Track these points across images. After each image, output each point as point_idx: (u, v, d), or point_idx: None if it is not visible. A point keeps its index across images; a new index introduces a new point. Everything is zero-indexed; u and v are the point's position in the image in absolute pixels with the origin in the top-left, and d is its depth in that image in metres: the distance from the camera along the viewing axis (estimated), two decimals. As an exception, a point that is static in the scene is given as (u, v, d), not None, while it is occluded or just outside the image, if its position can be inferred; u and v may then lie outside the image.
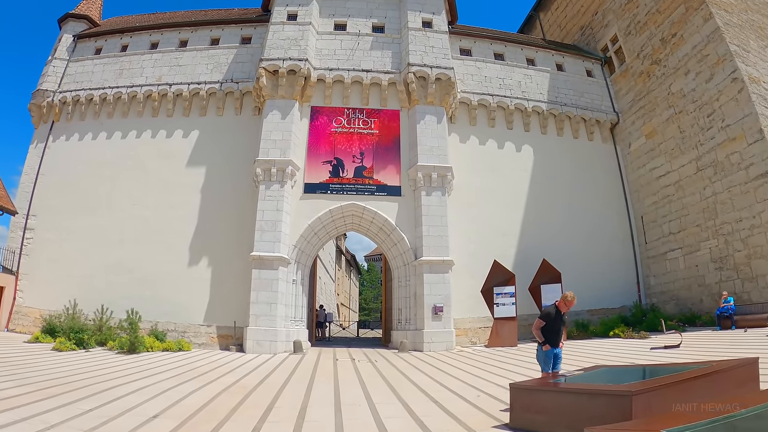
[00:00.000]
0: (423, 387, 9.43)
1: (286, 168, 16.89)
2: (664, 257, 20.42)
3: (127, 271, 17.92)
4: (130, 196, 18.89)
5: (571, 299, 7.42)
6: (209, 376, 10.73)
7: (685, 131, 19.58)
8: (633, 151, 22.07)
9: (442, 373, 11.26)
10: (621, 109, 22.58)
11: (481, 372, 11.31)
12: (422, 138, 17.84)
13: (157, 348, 15.69)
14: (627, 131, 22.37)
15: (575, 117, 21.48)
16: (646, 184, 21.39)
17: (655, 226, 20.90)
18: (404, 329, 17.00)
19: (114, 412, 6.61)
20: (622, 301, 20.34)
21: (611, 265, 20.40)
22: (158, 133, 19.71)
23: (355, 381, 10.27)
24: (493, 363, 12.78)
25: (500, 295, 17.28)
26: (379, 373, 11.36)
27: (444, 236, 16.96)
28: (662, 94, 20.71)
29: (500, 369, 11.68)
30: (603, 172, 21.73)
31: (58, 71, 21.58)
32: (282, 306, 15.99)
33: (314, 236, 17.47)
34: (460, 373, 11.25)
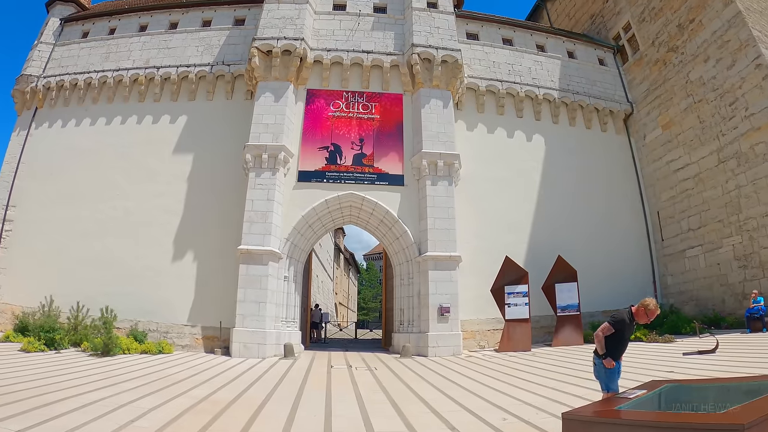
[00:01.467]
0: (434, 406, 7.33)
1: (279, 154, 14.79)
2: (683, 255, 18.35)
3: (107, 265, 15.84)
4: (112, 185, 16.80)
5: (653, 308, 5.38)
6: (180, 387, 8.68)
7: (705, 121, 17.58)
8: (648, 143, 19.99)
9: (453, 386, 9.16)
10: (635, 99, 20.52)
11: (498, 384, 9.23)
12: (427, 123, 15.75)
13: (135, 350, 13.70)
14: (642, 122, 20.31)
15: (588, 106, 19.42)
16: (662, 177, 19.32)
17: (673, 222, 18.82)
18: (407, 332, 14.88)
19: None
20: (637, 302, 18.21)
21: (626, 263, 18.33)
22: (144, 119, 17.62)
23: (351, 397, 8.16)
24: (510, 372, 10.70)
25: (512, 295, 15.17)
26: (380, 386, 9.24)
27: (451, 230, 14.84)
28: (680, 83, 18.69)
29: (520, 380, 9.59)
30: (616, 165, 19.66)
31: (44, 56, 19.56)
32: (272, 305, 13.88)
33: (308, 229, 15.34)
34: (474, 385, 9.15)
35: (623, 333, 5.51)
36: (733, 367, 8.94)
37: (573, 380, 9.12)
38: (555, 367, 11.08)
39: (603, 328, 5.50)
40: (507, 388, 8.68)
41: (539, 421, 6.15)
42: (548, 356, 13.14)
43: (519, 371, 10.73)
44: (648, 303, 5.42)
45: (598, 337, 5.51)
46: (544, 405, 7.06)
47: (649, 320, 5.48)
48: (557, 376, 9.70)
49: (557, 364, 11.40)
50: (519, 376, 10.09)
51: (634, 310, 5.55)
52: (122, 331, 14.86)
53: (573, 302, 15.90)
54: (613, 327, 5.47)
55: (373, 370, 11.28)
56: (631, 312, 5.57)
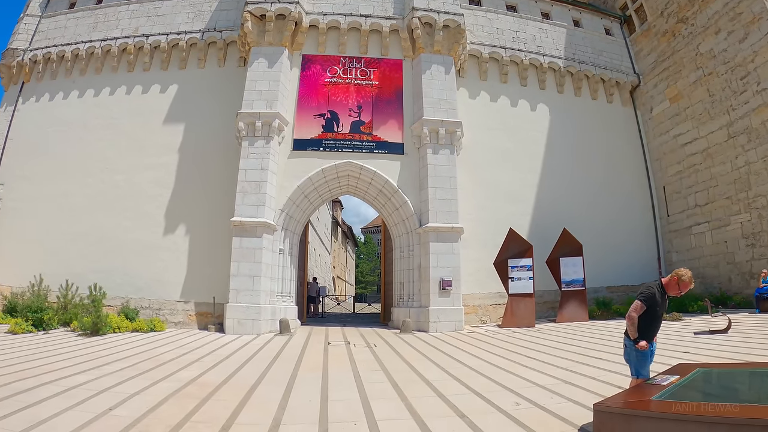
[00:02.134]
0: (439, 388, 6.52)
1: (273, 121, 13.74)
2: (689, 231, 17.50)
3: (97, 241, 14.97)
4: (101, 159, 15.79)
5: (688, 280, 4.51)
6: (167, 368, 7.88)
7: (715, 95, 16.57)
8: (655, 116, 18.94)
9: (457, 365, 8.35)
10: (642, 71, 19.40)
11: (505, 363, 8.43)
12: (428, 89, 14.67)
13: (126, 328, 12.94)
14: (648, 94, 19.22)
15: (594, 76, 18.31)
16: (669, 151, 18.33)
17: (679, 198, 17.90)
18: (406, 306, 14.05)
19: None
20: (642, 278, 17.36)
21: (631, 239, 17.47)
22: (133, 89, 16.49)
23: (349, 378, 7.33)
24: (516, 350, 9.91)
25: (516, 269, 14.32)
26: (381, 365, 8.41)
27: (453, 200, 13.90)
28: (689, 55, 17.59)
29: (528, 359, 8.80)
30: (622, 137, 18.64)
31: (30, 28, 18.32)
32: (267, 279, 13.01)
33: (305, 199, 14.38)
34: (480, 364, 8.33)
35: (655, 310, 4.64)
36: (749, 350, 8.15)
37: (583, 359, 8.37)
38: (562, 344, 10.31)
39: (635, 307, 4.60)
40: (515, 368, 7.88)
41: (555, 406, 5.36)
42: (553, 333, 12.36)
43: (525, 349, 9.93)
44: (682, 274, 4.52)
45: (632, 319, 4.60)
46: (557, 387, 6.31)
47: (680, 293, 4.60)
48: (566, 355, 8.91)
49: (564, 342, 10.62)
50: (526, 354, 9.29)
51: (665, 282, 4.67)
52: (114, 308, 14.07)
53: (578, 277, 15.08)
54: (645, 304, 4.58)
55: (372, 347, 10.47)
56: (661, 284, 4.68)
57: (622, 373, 6.50)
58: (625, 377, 5.88)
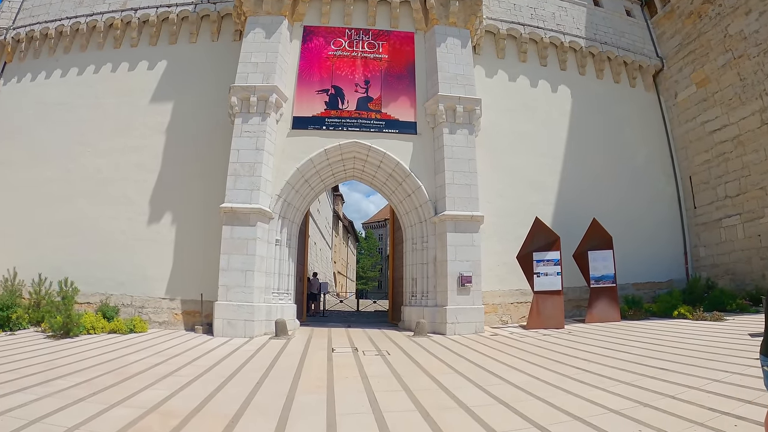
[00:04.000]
0: (488, 420, 4.44)
1: (270, 96, 11.48)
2: (718, 225, 15.25)
3: (76, 231, 12.79)
4: (82, 141, 13.57)
5: None
6: (130, 385, 5.71)
7: (746, 78, 14.37)
8: (680, 102, 16.66)
9: (496, 380, 6.14)
10: (665, 55, 17.13)
11: (552, 377, 6.26)
12: (443, 64, 12.41)
13: (102, 329, 10.84)
14: (673, 79, 16.95)
15: (616, 58, 16.06)
16: (696, 139, 16.07)
17: (707, 189, 15.64)
18: (419, 305, 11.78)
19: None
20: (669, 274, 15.21)
21: (656, 232, 15.24)
22: (119, 66, 14.24)
23: (363, 403, 5.12)
24: (554, 357, 7.74)
25: (542, 263, 12.06)
26: (400, 382, 6.13)
27: (472, 185, 11.64)
28: (717, 37, 15.36)
29: (576, 369, 6.69)
30: (646, 124, 16.38)
31: (14, 6, 16.07)
32: (261, 274, 10.75)
33: (305, 184, 12.09)
34: (523, 379, 6.15)
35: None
36: None
37: (644, 369, 6.29)
38: (606, 350, 8.14)
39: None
40: (569, 384, 5.73)
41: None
42: (588, 335, 10.13)
43: (565, 356, 7.73)
44: None
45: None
46: (640, 414, 4.38)
47: None
48: (620, 364, 6.73)
49: (607, 347, 8.44)
50: (570, 363, 7.11)
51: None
52: (92, 306, 11.91)
53: (608, 272, 12.85)
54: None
55: (385, 354, 8.20)
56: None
57: (704, 390, 5.02)
58: (718, 397, 4.67)
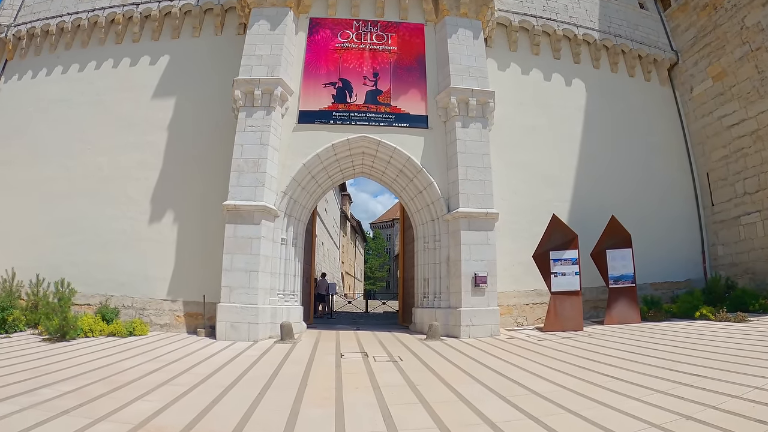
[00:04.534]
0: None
1: (275, 89, 10.83)
2: (737, 222, 14.47)
3: (76, 231, 12.21)
4: (82, 139, 12.99)
5: None
6: (121, 396, 5.06)
7: (764, 71, 13.67)
8: (696, 96, 15.89)
9: (521, 390, 5.44)
10: (680, 48, 16.37)
11: (581, 386, 5.56)
12: (455, 56, 11.71)
13: (100, 332, 10.21)
14: (688, 73, 16.18)
15: (630, 52, 15.33)
16: (713, 134, 15.29)
17: (725, 185, 14.86)
18: (432, 307, 11.07)
19: None
20: (687, 274, 14.44)
21: (673, 230, 14.47)
22: (121, 62, 13.65)
23: (376, 419, 4.44)
24: (579, 363, 6.98)
25: (559, 262, 11.34)
26: (416, 393, 5.43)
27: (487, 181, 10.92)
28: (734, 29, 14.60)
29: (605, 377, 6.01)
30: (661, 118, 15.62)
31: (15, 3, 15.52)
32: (266, 275, 10.09)
33: (311, 181, 11.41)
34: (549, 388, 5.47)
35: None
36: None
37: (679, 376, 5.58)
38: (631, 354, 7.41)
39: None
40: (601, 394, 5.01)
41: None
42: (609, 338, 9.41)
43: (590, 361, 7.01)
44: None
45: None
46: (685, 429, 3.82)
47: None
48: (650, 370, 6.03)
49: (633, 351, 7.71)
50: (597, 369, 6.39)
51: None
52: (92, 307, 11.31)
53: (628, 272, 12.11)
54: None
55: (398, 361, 7.50)
56: None
57: (746, 399, 4.44)
58: (763, 407, 4.07)
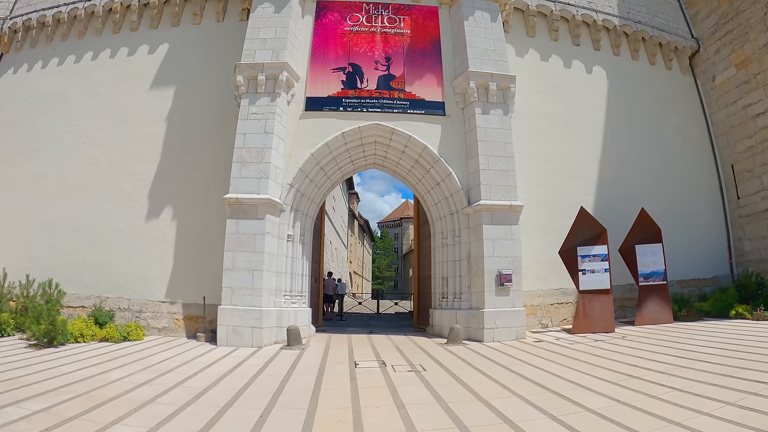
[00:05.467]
0: None
1: (280, 74, 9.71)
2: (764, 216, 13.28)
3: (71, 229, 11.14)
4: (77, 132, 11.94)
5: None
6: (97, 417, 4.11)
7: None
8: (719, 85, 14.69)
9: (572, 407, 4.34)
10: (700, 36, 15.19)
11: (637, 398, 4.53)
12: (472, 38, 10.56)
13: (92, 337, 9.18)
14: (710, 61, 14.99)
15: (651, 39, 14.17)
16: (737, 124, 14.08)
17: (752, 177, 13.65)
18: (451, 308, 9.90)
19: None
20: (714, 270, 13.25)
21: (698, 225, 13.29)
22: (118, 52, 12.57)
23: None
24: (623, 369, 5.86)
25: (587, 259, 10.18)
26: (449, 414, 4.31)
27: (510, 171, 9.77)
28: (757, 15, 13.43)
29: (660, 387, 4.99)
30: (684, 108, 14.44)
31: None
32: (271, 274, 8.96)
33: (320, 172, 10.27)
34: (603, 403, 4.40)
35: None
36: None
37: (743, 384, 4.68)
38: (680, 359, 6.30)
39: None
40: (662, 408, 4.05)
41: None
42: (646, 340, 8.29)
43: (636, 368, 5.92)
44: None
45: None
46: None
47: None
48: (709, 378, 5.01)
49: (678, 355, 6.60)
50: (647, 377, 5.33)
51: None
52: (86, 310, 10.26)
53: (658, 268, 10.98)
54: None
55: (420, 370, 6.35)
56: None
57: None
58: None
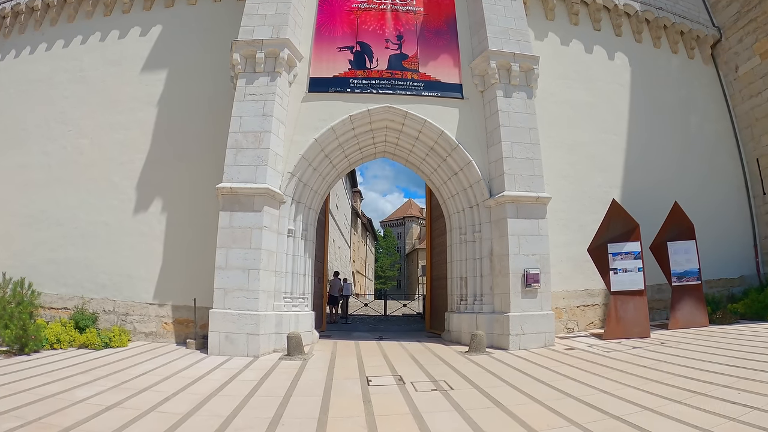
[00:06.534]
0: None
1: (281, 52, 8.42)
2: (792, 213, 12.10)
3: (54, 223, 9.83)
4: (63, 120, 10.65)
5: None
6: None
7: None
8: (742, 76, 13.43)
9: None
10: (722, 24, 13.94)
11: (718, 424, 3.01)
12: (491, 16, 9.26)
13: (70, 343, 7.99)
14: (732, 51, 13.73)
15: (673, 26, 12.91)
16: (763, 116, 12.83)
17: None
18: (471, 311, 8.59)
19: None
20: (740, 270, 12.01)
21: (722, 221, 12.03)
22: (109, 35, 11.29)
23: None
24: (683, 384, 4.62)
25: (619, 256, 8.91)
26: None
27: (536, 160, 8.47)
28: (783, 1, 12.25)
29: (742, 408, 3.57)
30: (706, 99, 13.19)
31: (1, -20, 13.25)
32: (269, 273, 7.65)
33: (324, 160, 8.96)
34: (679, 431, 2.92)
35: None
36: None
37: None
38: (742, 369, 5.14)
39: None
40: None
41: None
42: (691, 347, 7.05)
43: (704, 383, 4.64)
44: None
45: None
46: None
47: None
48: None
49: (735, 364, 5.44)
50: (717, 394, 4.16)
51: None
52: (69, 312, 8.91)
53: (692, 267, 9.72)
54: None
55: (447, 389, 5.05)
56: None
57: None
58: None
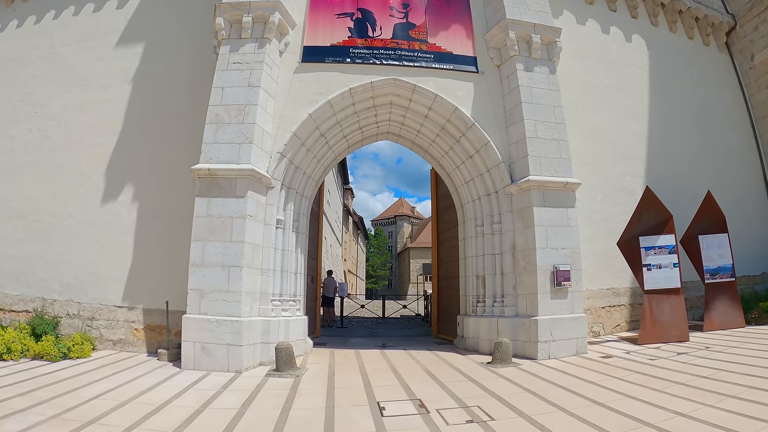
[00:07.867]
0: None
1: (271, 16, 6.93)
2: (813, 206, 10.87)
3: (15, 216, 8.23)
4: (30, 100, 9.04)
5: None
6: None
7: None
8: (758, 65, 12.21)
9: None
10: (735, 11, 12.73)
11: None
12: (508, -17, 7.90)
13: (23, 353, 6.52)
14: (747, 39, 12.51)
15: (689, 11, 11.66)
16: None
17: (798, 164, 11.25)
18: (491, 315, 7.14)
19: None
20: (762, 266, 10.71)
21: (740, 213, 10.69)
22: (83, 8, 9.72)
23: None
24: (763, 399, 3.08)
25: (652, 251, 7.55)
26: None
27: (562, 141, 7.08)
28: (799, -13, 11.07)
29: None
30: (723, 87, 11.95)
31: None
32: (254, 272, 6.16)
33: (320, 139, 7.46)
34: None
35: None
36: None
37: None
38: None
39: None
40: None
41: None
42: (737, 351, 5.83)
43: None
44: None
45: None
46: None
47: None
48: None
49: None
50: None
51: None
52: (30, 315, 7.32)
53: (726, 263, 8.43)
54: None
55: (485, 419, 3.60)
56: None
57: None
58: None
